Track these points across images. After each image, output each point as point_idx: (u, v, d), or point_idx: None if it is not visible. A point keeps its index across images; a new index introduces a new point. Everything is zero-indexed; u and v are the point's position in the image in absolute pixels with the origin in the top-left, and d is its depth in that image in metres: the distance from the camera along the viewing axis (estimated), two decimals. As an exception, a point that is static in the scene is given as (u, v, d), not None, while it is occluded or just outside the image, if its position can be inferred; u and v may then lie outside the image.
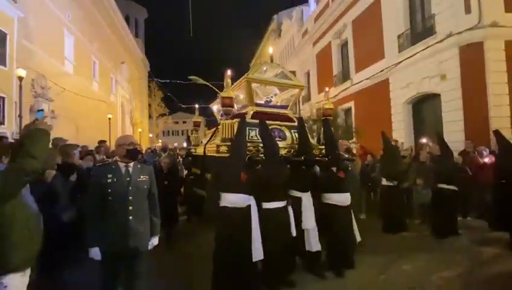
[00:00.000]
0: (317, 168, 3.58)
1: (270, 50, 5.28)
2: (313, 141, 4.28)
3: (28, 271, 1.75)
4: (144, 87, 33.65)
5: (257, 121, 3.58)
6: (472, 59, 7.38)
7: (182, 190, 5.65)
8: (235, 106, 5.42)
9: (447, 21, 7.82)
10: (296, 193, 3.37)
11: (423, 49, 8.54)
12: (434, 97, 8.64)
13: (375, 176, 5.99)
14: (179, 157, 7.10)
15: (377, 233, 4.82)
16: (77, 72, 15.38)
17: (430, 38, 8.32)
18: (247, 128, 3.54)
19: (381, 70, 10.49)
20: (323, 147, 4.04)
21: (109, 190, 2.12)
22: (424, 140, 5.91)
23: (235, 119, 3.56)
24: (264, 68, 4.82)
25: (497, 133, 4.81)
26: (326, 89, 4.82)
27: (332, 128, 3.96)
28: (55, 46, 13.46)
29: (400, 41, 9.66)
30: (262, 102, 4.78)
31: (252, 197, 2.96)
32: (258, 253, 2.84)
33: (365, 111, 11.98)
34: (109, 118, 17.47)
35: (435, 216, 4.94)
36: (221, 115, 5.69)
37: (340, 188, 3.49)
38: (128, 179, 2.19)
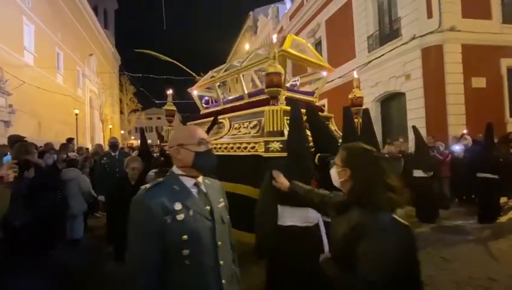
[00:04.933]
0: None
1: (247, 47, 5.09)
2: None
3: None
4: (115, 81, 32.06)
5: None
6: (433, 61, 7.97)
7: None
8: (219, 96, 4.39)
9: (411, 24, 8.34)
10: None
11: (390, 50, 9.04)
12: (400, 96, 9.20)
13: None
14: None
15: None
16: (39, 64, 14.27)
17: (396, 40, 8.83)
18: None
19: (353, 69, 10.92)
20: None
21: (184, 236, 1.11)
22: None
23: (276, 106, 2.68)
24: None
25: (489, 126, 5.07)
26: (355, 74, 4.11)
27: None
28: (13, 35, 12.37)
29: (369, 42, 10.13)
30: (288, 85, 4.00)
31: None
32: None
33: (338, 108, 12.39)
34: (76, 114, 16.46)
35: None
36: (206, 102, 4.93)
37: None
38: (208, 207, 1.24)
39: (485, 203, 5.21)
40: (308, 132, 2.52)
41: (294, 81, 4.29)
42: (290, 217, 2.09)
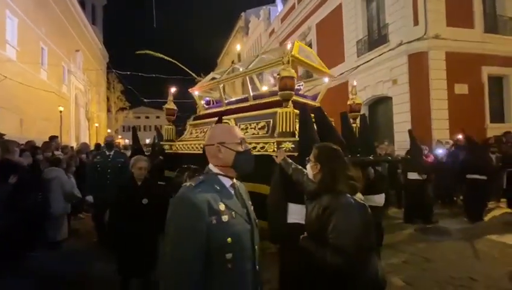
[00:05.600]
0: (372, 170, 3.08)
1: (238, 47, 5.13)
2: None
3: None
4: (102, 78, 31.27)
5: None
6: (418, 67, 8.20)
7: None
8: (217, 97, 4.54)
9: (398, 31, 8.56)
10: None
11: (378, 56, 9.24)
12: (387, 100, 9.41)
13: None
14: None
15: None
16: (22, 58, 13.76)
17: (384, 46, 9.04)
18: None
19: (342, 73, 11.11)
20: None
21: (228, 239, 1.05)
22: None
23: (289, 108, 2.81)
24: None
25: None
26: (354, 82, 4.27)
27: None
28: (-6, 28, 11.92)
29: (358, 47, 10.33)
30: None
31: None
32: None
33: (327, 111, 12.57)
34: (60, 111, 15.95)
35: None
36: (207, 103, 4.93)
37: (382, 188, 3.24)
38: (245, 210, 1.19)
39: (471, 203, 5.43)
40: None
41: (299, 85, 4.40)
42: (294, 214, 2.19)
